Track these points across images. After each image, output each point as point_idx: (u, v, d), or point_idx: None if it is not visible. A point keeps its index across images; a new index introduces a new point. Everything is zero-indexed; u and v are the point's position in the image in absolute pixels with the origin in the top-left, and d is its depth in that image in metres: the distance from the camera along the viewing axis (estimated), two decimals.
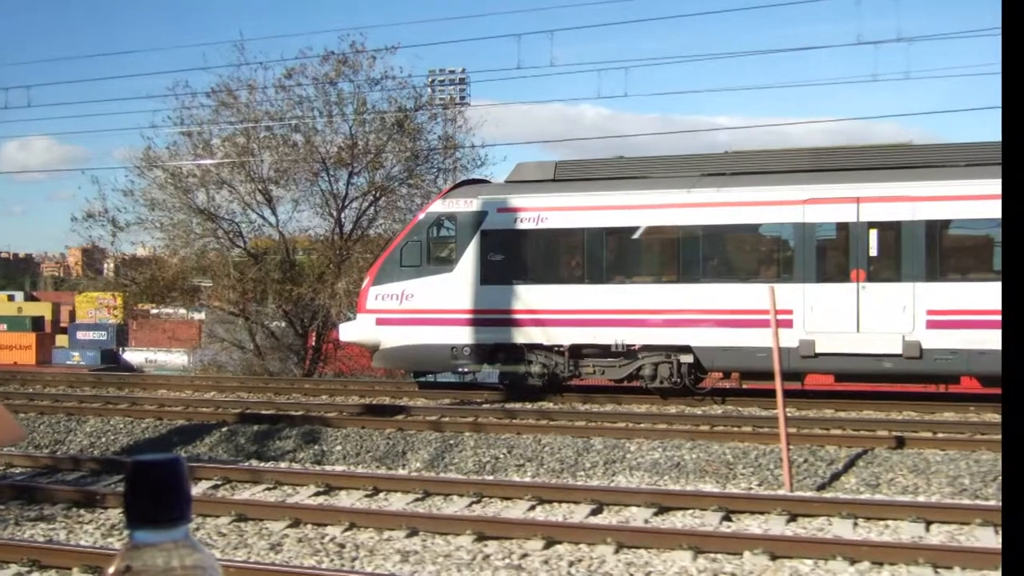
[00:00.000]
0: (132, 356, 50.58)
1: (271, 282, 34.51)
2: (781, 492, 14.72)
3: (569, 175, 23.45)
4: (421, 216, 24.17)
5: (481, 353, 23.07)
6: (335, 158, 34.89)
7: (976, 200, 19.99)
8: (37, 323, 56.90)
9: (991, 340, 19.58)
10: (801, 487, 15.18)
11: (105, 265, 49.96)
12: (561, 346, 22.53)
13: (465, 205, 23.29)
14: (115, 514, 13.58)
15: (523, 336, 22.67)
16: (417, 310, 23.27)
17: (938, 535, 12.20)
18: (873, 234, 20.68)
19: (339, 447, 18.45)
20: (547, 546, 11.68)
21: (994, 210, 19.86)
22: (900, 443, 16.66)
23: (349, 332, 24.74)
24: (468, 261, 23.08)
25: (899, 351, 20.24)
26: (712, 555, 11.24)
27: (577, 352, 22.57)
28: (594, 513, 13.49)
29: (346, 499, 14.66)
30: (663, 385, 22.02)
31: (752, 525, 12.79)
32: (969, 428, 18.40)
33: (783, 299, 18.55)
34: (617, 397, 22.72)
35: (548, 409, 21.47)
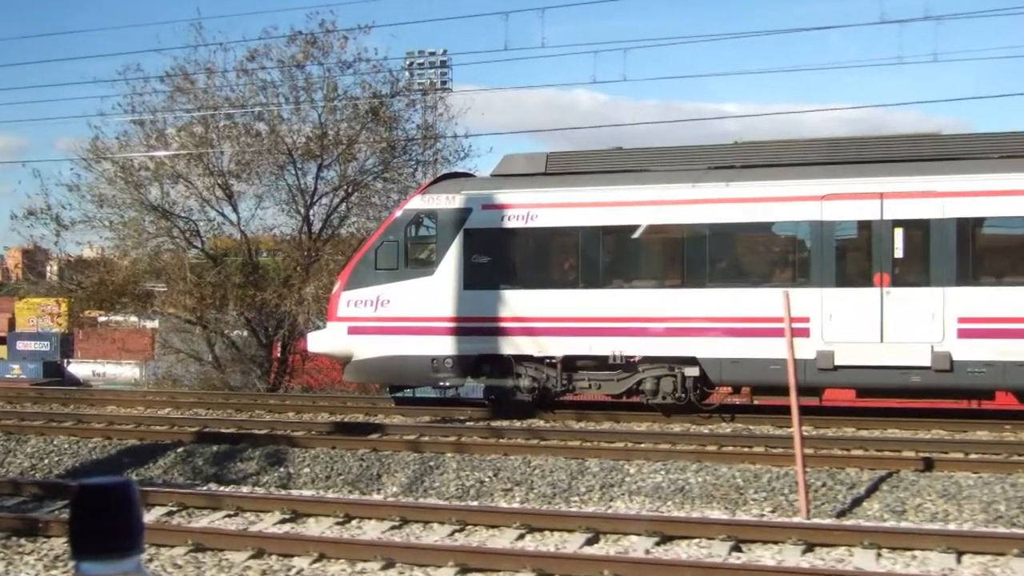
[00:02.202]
0: (78, 369, 50.53)
1: (232, 287, 34.46)
2: (796, 519, 14.72)
3: (562, 168, 23.45)
4: (398, 213, 24.15)
5: (464, 365, 23.04)
6: (303, 149, 34.89)
7: (1012, 196, 20.04)
8: None
9: None
10: (819, 513, 15.19)
11: (48, 268, 49.83)
12: (553, 357, 22.50)
13: (447, 201, 23.28)
14: (59, 544, 13.53)
15: (511, 346, 22.65)
16: (393, 318, 23.24)
17: (970, 567, 12.21)
18: (898, 233, 20.69)
19: (307, 469, 18.42)
20: None
21: None
22: (928, 465, 16.67)
23: (318, 342, 24.70)
24: (450, 263, 23.06)
25: (927, 363, 20.23)
26: None
27: (571, 364, 22.54)
28: (589, 543, 13.48)
29: (315, 527, 14.63)
30: (666, 401, 22.01)
31: (764, 556, 12.79)
32: (1005, 448, 18.42)
33: (799, 305, 18.56)
34: (615, 414, 22.71)
35: (538, 427, 21.46)
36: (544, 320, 22.45)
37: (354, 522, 14.77)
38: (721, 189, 21.64)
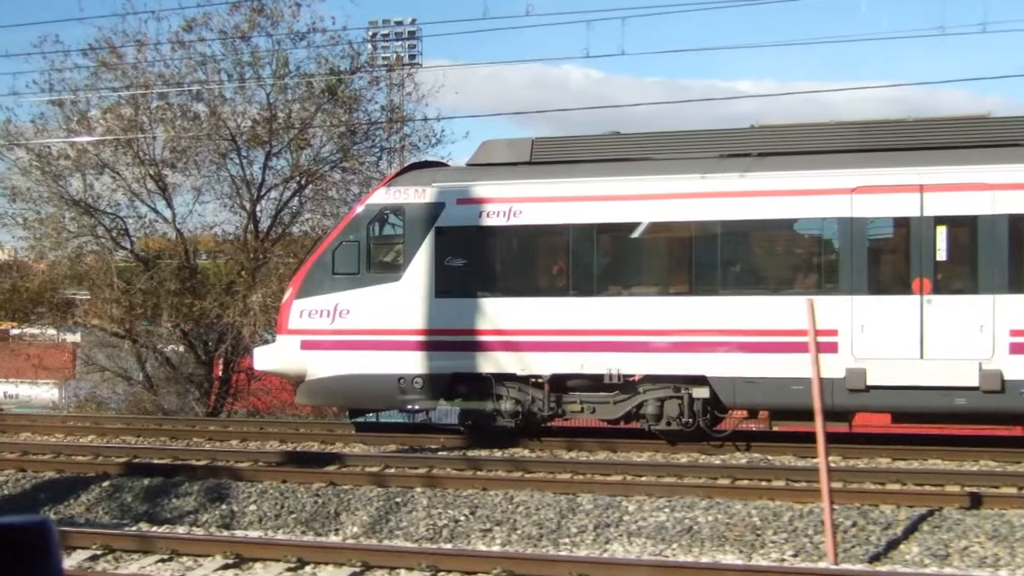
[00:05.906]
0: None
1: (166, 294, 34.42)
2: (823, 565, 14.74)
3: (550, 156, 23.46)
4: (359, 209, 24.13)
5: (436, 385, 23.02)
6: (248, 134, 34.87)
7: None
8: None
9: None
10: (848, 558, 15.21)
11: None
12: (540, 376, 22.48)
13: (416, 195, 23.26)
14: None
15: (490, 364, 22.63)
16: (354, 330, 23.20)
17: None
18: (941, 232, 20.72)
19: (254, 506, 18.40)
20: None
21: None
22: (976, 502, 16.69)
23: (266, 359, 24.66)
24: (420, 267, 23.03)
25: (975, 383, 20.24)
26: None
27: (560, 384, 22.53)
28: None
29: (263, 573, 14.62)
30: (671, 427, 22.01)
31: None
32: None
33: (825, 316, 18.56)
34: (612, 443, 22.71)
35: (523, 458, 21.45)
36: (529, 333, 22.43)
37: (308, 567, 14.76)
38: (735, 181, 21.65)
